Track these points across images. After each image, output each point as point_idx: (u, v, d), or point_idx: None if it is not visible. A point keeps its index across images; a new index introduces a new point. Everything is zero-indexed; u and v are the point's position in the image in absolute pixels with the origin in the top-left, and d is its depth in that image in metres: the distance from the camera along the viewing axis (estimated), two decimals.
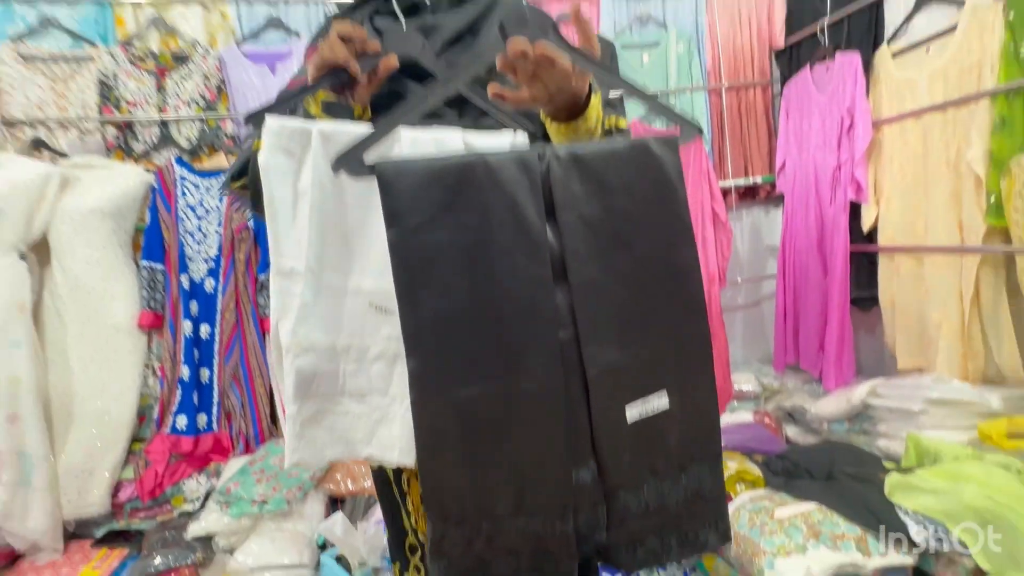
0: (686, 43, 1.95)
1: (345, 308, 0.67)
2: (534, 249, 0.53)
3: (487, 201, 0.53)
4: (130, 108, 1.73)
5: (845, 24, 1.72)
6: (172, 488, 1.62)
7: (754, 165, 2.06)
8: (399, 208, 0.52)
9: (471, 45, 0.75)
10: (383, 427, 0.70)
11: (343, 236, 0.67)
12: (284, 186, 0.65)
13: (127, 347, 1.69)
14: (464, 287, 0.53)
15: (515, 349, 0.53)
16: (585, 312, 0.55)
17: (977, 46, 1.35)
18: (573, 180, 0.55)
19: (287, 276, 0.66)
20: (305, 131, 0.64)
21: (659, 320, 0.58)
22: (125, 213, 1.69)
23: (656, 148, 0.57)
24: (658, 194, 0.57)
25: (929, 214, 1.51)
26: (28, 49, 1.70)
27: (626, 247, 0.56)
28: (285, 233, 0.66)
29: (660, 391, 0.57)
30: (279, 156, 0.64)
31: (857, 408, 1.56)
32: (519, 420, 0.54)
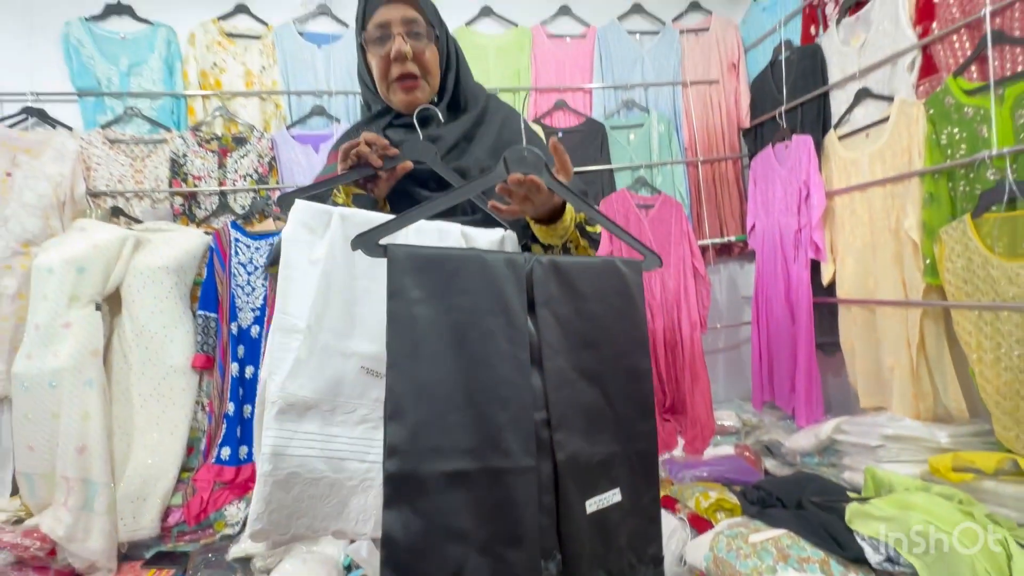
0: (666, 124, 2.14)
1: (337, 369, 0.66)
2: (517, 335, 0.55)
3: (479, 289, 0.55)
4: (195, 181, 1.91)
5: (799, 111, 1.89)
6: (215, 513, 1.69)
7: (728, 226, 2.20)
8: (402, 284, 0.53)
9: (467, 151, 0.86)
10: (357, 497, 0.65)
11: (346, 303, 0.67)
12: (300, 254, 0.68)
13: (181, 385, 1.80)
14: (450, 361, 0.53)
15: (494, 426, 0.52)
16: (557, 398, 0.56)
17: (905, 134, 1.50)
18: (551, 283, 0.59)
19: (287, 333, 0.66)
20: (327, 212, 0.69)
21: (617, 417, 0.61)
22: (186, 269, 1.84)
23: (623, 267, 0.64)
24: (621, 306, 0.63)
25: (877, 272, 1.63)
26: (114, 134, 1.90)
27: (592, 347, 0.60)
28: (294, 293, 0.67)
29: (615, 488, 0.59)
30: (301, 230, 0.68)
31: (825, 443, 1.64)
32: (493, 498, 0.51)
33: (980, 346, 1.33)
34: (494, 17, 2.19)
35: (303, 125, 2.01)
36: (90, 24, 1.93)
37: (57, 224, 1.81)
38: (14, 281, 1.78)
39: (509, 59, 2.15)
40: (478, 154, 0.86)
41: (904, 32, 1.52)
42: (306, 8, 2.07)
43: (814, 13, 1.91)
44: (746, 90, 2.19)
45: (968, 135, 1.36)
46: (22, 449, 1.65)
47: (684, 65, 2.21)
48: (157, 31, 1.96)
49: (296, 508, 0.62)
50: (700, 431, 1.93)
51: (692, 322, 2.03)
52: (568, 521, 0.55)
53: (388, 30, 0.83)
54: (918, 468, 1.37)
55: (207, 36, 1.98)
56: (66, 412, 1.60)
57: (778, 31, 2.02)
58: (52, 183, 1.80)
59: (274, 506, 0.61)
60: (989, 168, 1.32)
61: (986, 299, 1.30)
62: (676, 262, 2.05)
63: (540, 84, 2.14)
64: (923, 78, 1.51)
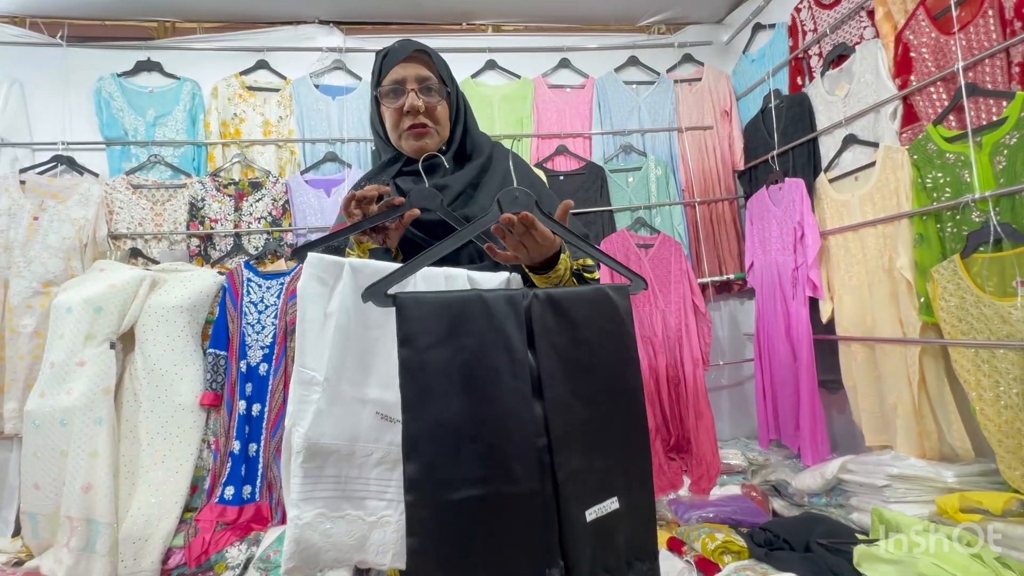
0: (663, 168, 2.22)
1: (354, 416, 0.69)
2: (518, 369, 0.59)
3: (482, 329, 0.59)
4: (212, 224, 1.99)
5: (790, 155, 1.98)
6: (216, 555, 1.67)
7: (727, 264, 2.25)
8: (411, 331, 0.57)
9: (473, 197, 0.91)
10: (377, 531, 0.69)
11: (360, 352, 0.70)
12: (316, 307, 0.70)
13: (188, 423, 1.82)
14: (459, 400, 0.57)
15: (500, 455, 0.57)
16: (557, 424, 0.60)
17: (892, 178, 1.56)
18: (548, 316, 0.63)
19: (307, 385, 0.69)
20: (339, 264, 0.71)
21: (612, 432, 0.65)
22: (199, 308, 1.89)
23: (612, 294, 0.69)
24: (612, 330, 0.67)
25: (874, 310, 1.66)
26: (137, 180, 2.00)
27: (587, 371, 0.64)
28: (312, 347, 0.69)
29: (612, 497, 0.63)
30: (314, 283, 0.70)
31: (831, 482, 1.62)
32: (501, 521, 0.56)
33: (979, 384, 1.34)
34: (499, 70, 2.33)
35: (317, 170, 2.11)
36: (121, 79, 2.07)
37: (78, 265, 1.88)
38: (33, 320, 1.83)
39: (513, 108, 2.27)
40: (483, 201, 0.91)
41: (885, 84, 1.61)
42: (322, 63, 2.21)
43: (800, 65, 2.02)
44: (739, 135, 2.29)
45: (952, 179, 1.42)
46: (28, 488, 1.66)
47: (679, 112, 2.32)
48: (183, 85, 2.10)
49: (323, 544, 0.66)
50: (706, 470, 1.91)
51: (694, 359, 2.04)
52: (569, 532, 0.59)
53: (403, 86, 0.89)
54: (925, 508, 1.36)
55: (229, 89, 2.11)
56: (75, 450, 1.62)
57: (767, 81, 2.13)
58: (76, 226, 1.89)
59: (304, 545, 0.65)
60: (974, 210, 1.37)
61: (981, 337, 1.33)
62: (677, 300, 2.08)
63: (542, 131, 2.25)
64: (905, 126, 1.59)
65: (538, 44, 2.37)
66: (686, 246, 2.20)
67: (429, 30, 2.36)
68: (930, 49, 1.51)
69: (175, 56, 2.13)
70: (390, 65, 0.91)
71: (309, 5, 2.18)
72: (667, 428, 2.04)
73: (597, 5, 2.33)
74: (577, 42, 2.39)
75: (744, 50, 2.33)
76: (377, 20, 2.33)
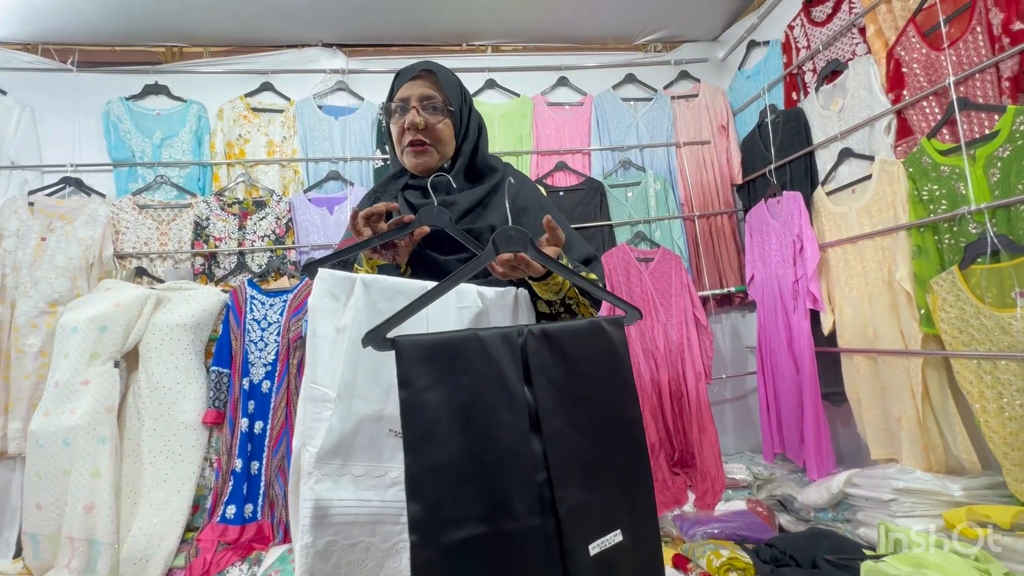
0: (662, 182, 2.25)
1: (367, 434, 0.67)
2: (515, 406, 0.60)
3: (478, 368, 0.59)
4: (216, 243, 2.02)
5: (787, 169, 2.00)
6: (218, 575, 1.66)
7: (727, 277, 2.26)
8: (410, 374, 0.57)
9: (481, 215, 0.93)
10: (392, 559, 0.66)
11: (372, 368, 0.69)
12: (327, 323, 0.69)
13: (191, 441, 1.82)
14: (459, 439, 0.57)
15: (500, 492, 0.57)
16: (556, 458, 0.60)
17: (889, 191, 1.58)
18: (544, 351, 0.64)
19: (318, 402, 0.67)
20: (350, 279, 0.70)
21: (613, 464, 0.65)
22: (203, 326, 1.91)
23: (606, 326, 0.70)
24: (608, 362, 0.68)
25: (875, 322, 1.66)
26: (143, 200, 2.03)
27: (585, 404, 0.65)
28: (323, 363, 0.68)
29: (616, 530, 0.62)
30: (325, 299, 0.69)
31: (837, 497, 1.61)
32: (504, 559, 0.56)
33: (983, 396, 1.34)
34: (498, 89, 2.37)
35: (319, 189, 2.14)
36: (129, 102, 2.12)
37: (84, 284, 1.91)
38: (38, 340, 1.85)
39: (512, 125, 2.31)
40: (492, 219, 0.93)
41: (878, 98, 1.64)
42: (325, 85, 2.26)
43: (794, 80, 2.06)
44: (736, 149, 2.32)
45: (947, 191, 1.44)
46: (30, 508, 1.66)
47: (677, 127, 2.35)
48: (190, 108, 2.14)
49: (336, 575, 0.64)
50: (711, 485, 1.90)
51: (697, 373, 2.04)
52: (573, 568, 0.58)
53: (407, 104, 0.93)
54: (932, 522, 1.34)
55: (234, 111, 2.16)
56: (77, 469, 1.62)
57: (763, 96, 2.17)
58: (82, 246, 1.92)
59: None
60: (970, 222, 1.38)
61: (982, 348, 1.33)
62: (678, 313, 2.09)
63: (541, 147, 2.28)
64: (900, 139, 1.61)
65: (537, 63, 2.42)
66: (686, 259, 2.22)
67: (430, 51, 2.42)
68: (921, 64, 1.54)
69: (182, 80, 2.18)
70: (400, 83, 0.95)
71: (313, 28, 2.24)
72: (671, 443, 2.03)
73: (594, 24, 2.38)
74: (575, 61, 2.44)
75: (740, 66, 2.37)
76: (379, 42, 2.38)
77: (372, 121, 2.23)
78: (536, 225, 0.91)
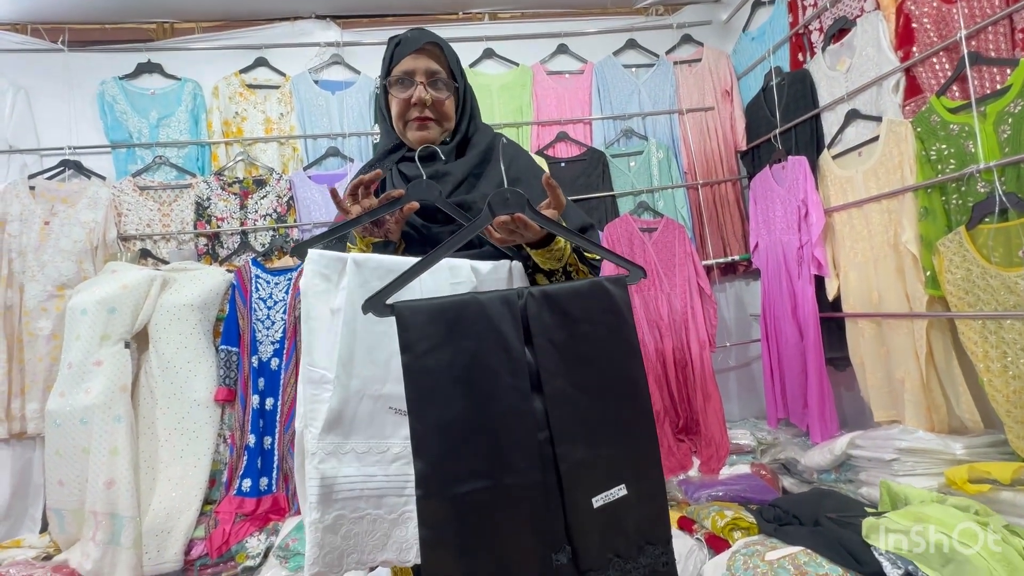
0: (665, 151, 2.22)
1: (368, 412, 0.68)
2: (516, 367, 0.61)
3: (479, 331, 0.60)
4: (218, 223, 2.02)
5: (793, 133, 1.96)
6: (236, 545, 1.72)
7: (731, 246, 2.24)
8: (411, 338, 0.59)
9: (475, 186, 0.91)
10: (399, 529, 0.68)
11: (369, 348, 0.69)
12: (321, 305, 0.69)
13: (204, 419, 1.86)
14: (461, 400, 0.58)
15: (502, 450, 0.59)
16: (557, 417, 0.62)
17: (896, 152, 1.55)
18: (545, 313, 0.64)
19: (316, 384, 0.68)
20: (341, 259, 0.70)
21: (616, 422, 0.66)
22: (210, 306, 1.93)
23: (609, 286, 0.69)
24: (612, 322, 0.68)
25: (880, 285, 1.65)
26: (143, 181, 2.02)
27: (588, 364, 0.66)
28: (318, 345, 0.68)
29: (620, 484, 0.64)
30: (317, 280, 0.69)
31: (840, 458, 1.63)
32: (506, 510, 0.58)
33: (987, 356, 1.34)
34: (496, 58, 2.32)
35: (319, 166, 2.13)
36: (123, 82, 2.09)
37: (90, 267, 1.92)
38: (49, 323, 1.88)
39: (512, 96, 2.27)
40: (485, 189, 0.92)
41: (887, 56, 1.60)
42: (321, 58, 2.21)
43: (800, 41, 2.00)
44: (741, 115, 2.28)
45: (956, 150, 1.41)
46: (53, 485, 1.71)
47: (679, 94, 2.31)
48: (184, 86, 2.11)
49: (345, 546, 0.66)
50: (715, 451, 1.93)
51: (701, 341, 2.05)
52: (575, 519, 0.61)
53: (412, 78, 0.90)
54: (934, 480, 1.36)
55: (230, 88, 2.13)
56: (96, 447, 1.66)
57: (768, 59, 2.11)
58: (86, 229, 1.93)
59: (327, 549, 0.64)
60: (979, 181, 1.36)
61: (988, 308, 1.32)
62: (681, 283, 2.09)
63: (542, 118, 2.25)
64: (908, 98, 1.57)
65: (535, 31, 2.36)
66: (690, 229, 2.20)
67: (425, 20, 2.36)
68: (932, 19, 1.49)
69: (175, 57, 2.14)
70: (402, 54, 0.91)
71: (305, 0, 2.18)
72: (675, 410, 2.06)
73: None
74: (575, 27, 2.37)
75: (744, 28, 2.31)
76: (373, 12, 2.33)
77: (370, 95, 2.19)
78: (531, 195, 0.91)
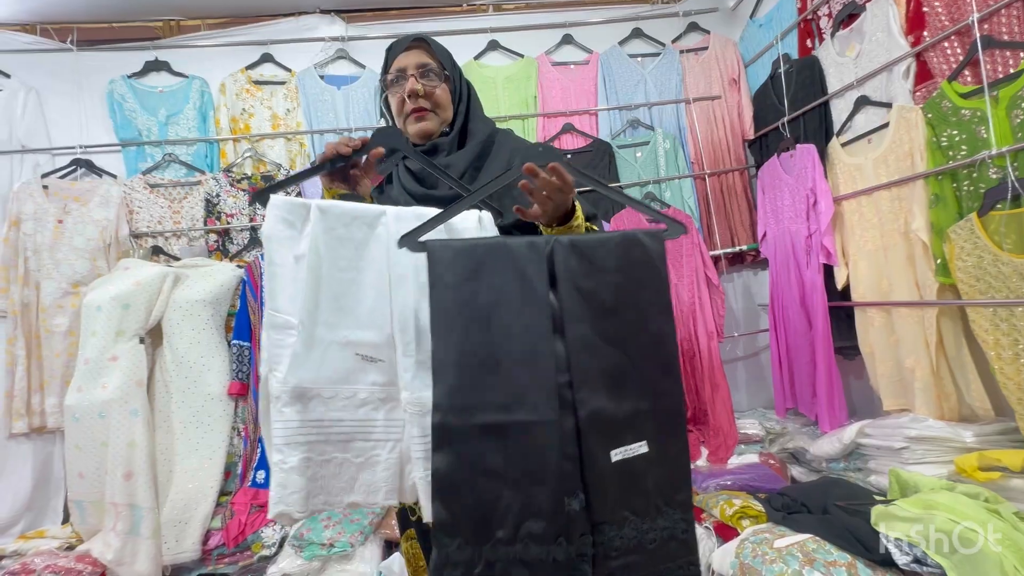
0: (671, 141, 2.20)
1: (334, 358, 0.68)
2: (539, 307, 0.63)
3: (504, 271, 0.63)
4: (228, 219, 2.04)
5: (801, 121, 1.94)
6: (252, 535, 1.76)
7: (739, 236, 2.23)
8: (440, 272, 0.63)
9: (475, 178, 0.93)
10: (365, 472, 0.69)
11: (335, 295, 0.69)
12: (284, 251, 0.69)
13: (218, 412, 1.89)
14: (482, 334, 0.61)
15: (519, 386, 0.61)
16: (578, 362, 0.62)
17: (907, 138, 1.54)
18: (571, 260, 0.65)
19: (280, 329, 0.67)
20: (305, 205, 0.69)
21: (641, 376, 0.65)
22: (221, 301, 1.96)
23: (644, 238, 0.68)
24: (643, 275, 0.67)
25: (890, 274, 1.64)
26: (153, 179, 2.05)
27: (614, 314, 0.65)
28: (281, 291, 0.68)
29: (641, 440, 0.64)
30: (280, 226, 0.68)
31: (849, 447, 1.63)
32: (520, 446, 0.60)
33: (998, 343, 1.33)
34: (501, 50, 2.31)
35: None
36: (131, 80, 2.11)
37: (103, 264, 1.95)
38: (65, 319, 1.92)
39: (517, 88, 2.26)
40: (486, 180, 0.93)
41: (897, 41, 1.57)
42: (325, 53, 2.22)
43: (809, 27, 1.98)
44: (748, 103, 2.25)
45: (967, 136, 1.40)
46: (73, 477, 1.75)
47: (686, 83, 2.29)
48: (192, 83, 2.13)
49: (311, 488, 0.66)
50: (723, 440, 1.94)
51: (709, 332, 2.05)
52: (591, 467, 0.61)
53: (404, 73, 0.95)
54: (944, 469, 1.36)
55: (236, 85, 2.14)
56: (114, 440, 1.70)
57: (776, 46, 2.09)
58: (99, 227, 1.96)
59: (290, 490, 0.65)
60: (991, 167, 1.34)
61: (999, 296, 1.31)
62: (689, 273, 2.08)
63: (547, 110, 2.24)
64: (919, 84, 1.55)
65: (540, 21, 2.34)
66: (697, 219, 2.20)
67: (430, 13, 2.35)
68: (943, 2, 1.47)
69: (181, 54, 2.16)
70: (393, 56, 0.97)
71: None
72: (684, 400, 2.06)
73: None
74: (579, 17, 2.36)
75: (751, 15, 2.28)
76: (377, 6, 2.32)
77: (375, 89, 2.20)
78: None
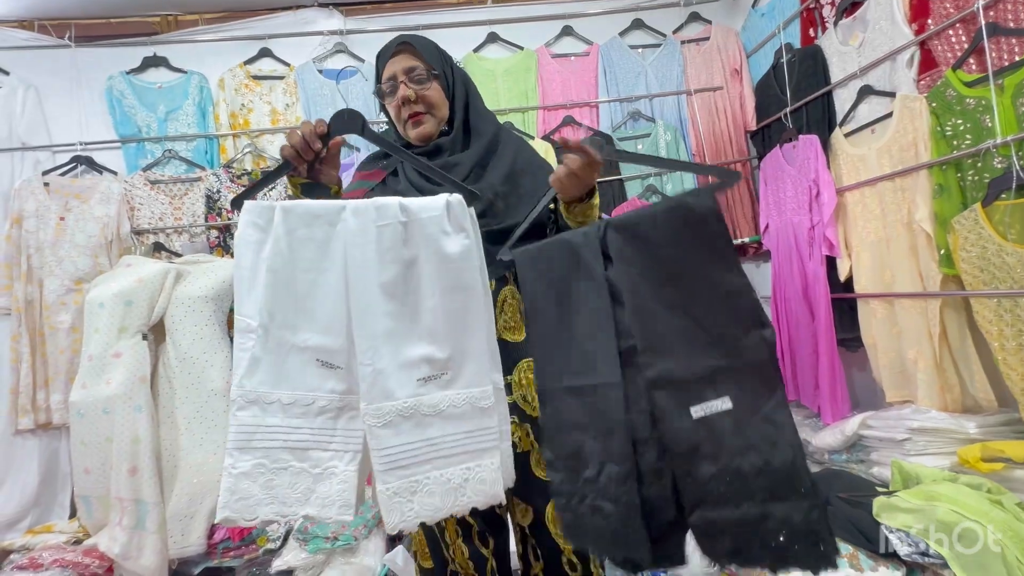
0: (672, 132, 2.19)
1: (293, 363, 0.67)
2: (596, 285, 0.74)
3: (565, 261, 0.77)
4: (228, 215, 2.04)
5: (804, 111, 1.93)
6: (257, 529, 1.77)
7: (741, 228, 2.22)
8: (525, 273, 0.81)
9: (481, 176, 0.95)
10: (322, 484, 0.67)
11: (296, 298, 0.68)
12: (251, 254, 0.69)
13: (222, 408, 1.90)
14: (555, 317, 0.77)
15: (589, 354, 0.74)
16: (641, 327, 0.69)
17: (910, 128, 1.52)
18: (620, 237, 0.72)
19: (243, 333, 0.68)
20: (270, 207, 0.69)
21: (713, 337, 0.64)
22: (223, 297, 1.96)
23: (691, 200, 0.66)
24: (698, 237, 0.66)
25: (893, 265, 1.63)
26: (154, 175, 2.05)
27: (671, 282, 0.67)
28: (247, 294, 0.68)
29: (724, 397, 0.63)
30: (250, 230, 0.69)
31: (851, 439, 1.63)
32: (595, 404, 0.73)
33: (1002, 334, 1.33)
34: (500, 43, 2.30)
35: None
36: (130, 77, 2.10)
37: (105, 261, 1.96)
38: (68, 316, 1.93)
39: (517, 80, 2.24)
40: (492, 180, 0.94)
41: (901, 30, 1.56)
42: (324, 47, 2.21)
43: (812, 16, 1.95)
44: (750, 94, 2.24)
45: (972, 125, 1.38)
46: (79, 473, 1.77)
47: (687, 74, 2.27)
48: (190, 79, 2.12)
49: (263, 496, 0.65)
50: None
51: None
52: (668, 422, 0.67)
53: (395, 81, 0.96)
54: (947, 460, 1.36)
55: (235, 80, 2.13)
56: (118, 436, 1.72)
57: (778, 35, 2.07)
58: (100, 224, 1.96)
59: (239, 495, 0.64)
60: (995, 156, 1.33)
61: (1003, 286, 1.31)
62: None
63: (547, 102, 2.23)
64: (923, 73, 1.53)
65: (539, 12, 2.32)
66: None
67: (427, 6, 2.34)
68: None
69: (180, 50, 2.15)
70: (382, 65, 0.99)
71: None
72: None
73: None
74: (579, 8, 2.34)
75: (753, 4, 2.25)
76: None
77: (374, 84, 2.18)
78: (534, 188, 0.93)
